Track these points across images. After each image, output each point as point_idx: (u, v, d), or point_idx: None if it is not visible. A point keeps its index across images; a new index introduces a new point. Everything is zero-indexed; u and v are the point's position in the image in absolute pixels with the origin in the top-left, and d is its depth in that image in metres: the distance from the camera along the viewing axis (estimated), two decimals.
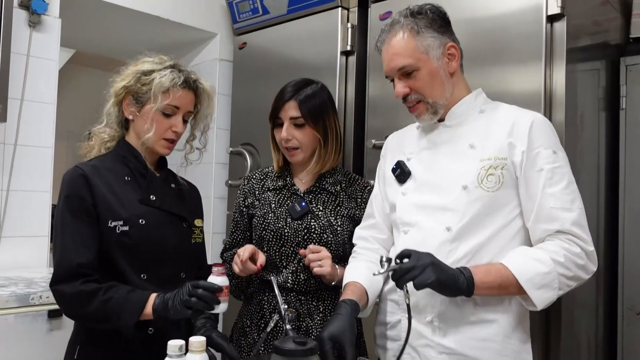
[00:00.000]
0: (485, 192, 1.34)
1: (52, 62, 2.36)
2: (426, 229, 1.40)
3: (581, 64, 1.96)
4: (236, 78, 2.91)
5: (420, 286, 1.23)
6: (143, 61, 1.52)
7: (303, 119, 1.66)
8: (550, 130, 1.39)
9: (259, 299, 1.70)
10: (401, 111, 1.57)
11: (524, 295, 1.28)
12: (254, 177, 1.81)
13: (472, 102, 1.45)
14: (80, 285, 1.34)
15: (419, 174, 1.46)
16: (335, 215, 1.69)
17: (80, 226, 1.39)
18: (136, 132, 1.52)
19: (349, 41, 2.36)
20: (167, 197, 1.54)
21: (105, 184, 1.44)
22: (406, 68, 1.38)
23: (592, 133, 2.06)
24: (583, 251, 1.29)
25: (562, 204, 1.30)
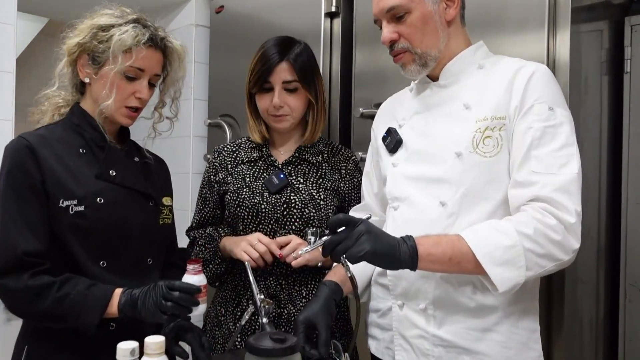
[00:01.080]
0: (482, 158, 1.18)
1: (9, 26, 2.15)
2: (418, 204, 1.24)
3: (585, 25, 1.82)
4: (213, 45, 2.73)
5: (353, 259, 1.07)
6: (101, 14, 1.31)
7: (298, 82, 1.50)
8: (551, 82, 1.21)
9: (234, 284, 1.55)
10: (391, 78, 1.42)
11: (482, 274, 1.10)
12: (225, 149, 1.64)
13: (470, 57, 1.28)
14: (29, 279, 1.16)
15: (410, 142, 1.30)
16: (318, 188, 1.54)
17: (26, 207, 1.20)
18: (93, 98, 1.33)
19: (333, 2, 2.18)
20: (130, 172, 1.36)
21: (56, 157, 1.25)
22: (396, 9, 1.22)
23: (595, 99, 1.93)
24: (561, 224, 1.08)
25: (547, 167, 1.12)
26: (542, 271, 1.11)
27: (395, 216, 1.30)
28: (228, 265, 1.55)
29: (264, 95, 1.53)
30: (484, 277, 1.11)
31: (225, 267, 1.55)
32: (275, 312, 1.45)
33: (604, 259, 2.01)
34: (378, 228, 1.12)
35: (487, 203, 1.19)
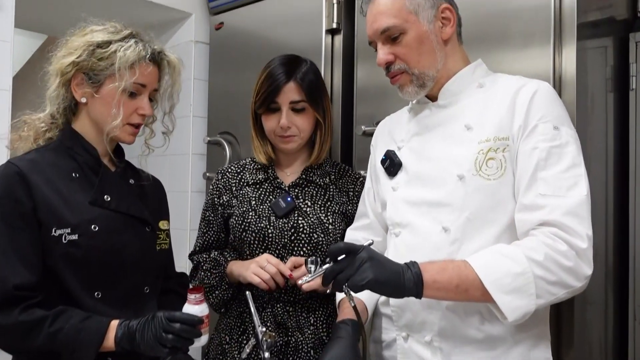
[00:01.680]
0: (486, 181, 1.13)
1: (6, 43, 2.12)
2: (420, 230, 1.19)
3: (590, 41, 1.79)
4: (213, 62, 2.70)
5: (356, 288, 1.02)
6: (92, 30, 1.27)
7: (306, 102, 1.47)
8: (555, 100, 1.18)
9: (239, 311, 1.50)
10: (393, 95, 1.39)
11: (490, 302, 1.05)
12: (229, 170, 1.60)
13: (470, 76, 1.24)
14: (20, 315, 1.10)
15: (410, 165, 1.26)
16: (326, 212, 1.49)
17: (17, 237, 1.14)
18: (91, 118, 1.28)
19: (334, 18, 2.16)
20: (125, 196, 1.30)
21: (48, 183, 1.19)
22: (391, 30, 1.19)
23: (600, 117, 1.90)
24: (572, 249, 1.05)
25: (555, 190, 1.08)
26: (553, 299, 1.06)
27: (397, 243, 1.25)
28: (235, 291, 1.50)
29: (271, 115, 1.49)
30: (492, 306, 1.06)
31: (232, 293, 1.50)
32: (282, 341, 1.40)
33: (612, 280, 1.96)
34: (381, 254, 1.08)
35: (492, 228, 1.14)
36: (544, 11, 1.63)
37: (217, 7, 2.63)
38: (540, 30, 1.64)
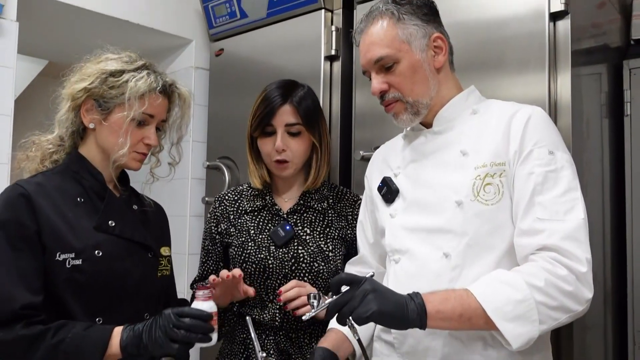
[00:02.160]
0: (484, 206, 1.14)
1: (9, 69, 2.15)
2: (420, 257, 1.19)
3: (584, 68, 1.82)
4: (213, 87, 2.73)
5: (360, 320, 1.02)
6: (107, 58, 1.30)
7: (301, 125, 1.47)
8: (549, 125, 1.19)
9: (242, 338, 1.49)
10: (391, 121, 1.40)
11: (494, 329, 1.04)
12: (226, 198, 1.59)
13: (463, 103, 1.26)
14: (22, 330, 1.10)
15: (407, 192, 1.26)
16: (325, 239, 1.49)
17: (21, 259, 1.15)
18: (98, 144, 1.30)
19: (333, 45, 2.19)
20: (129, 222, 1.31)
21: (53, 207, 1.20)
22: (384, 60, 1.21)
23: (596, 142, 1.92)
24: (572, 273, 1.04)
25: (552, 214, 1.08)
26: (555, 324, 1.06)
27: (397, 270, 1.24)
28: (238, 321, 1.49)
29: (266, 139, 1.49)
30: (497, 333, 1.06)
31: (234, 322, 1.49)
32: None
33: (610, 305, 1.96)
34: (383, 286, 1.08)
35: (492, 253, 1.14)
36: (538, 38, 1.66)
37: (217, 34, 2.67)
38: (535, 57, 1.66)
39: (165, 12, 2.70)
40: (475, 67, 1.72)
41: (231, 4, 2.54)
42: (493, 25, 1.75)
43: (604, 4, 2.03)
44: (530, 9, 1.68)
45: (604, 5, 2.03)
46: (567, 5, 1.62)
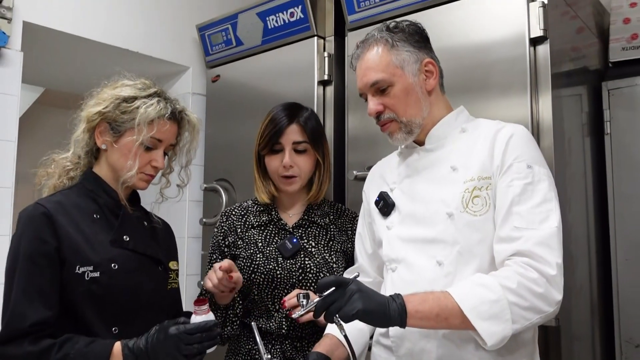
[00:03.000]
0: (473, 217, 1.22)
1: (13, 97, 2.23)
2: (415, 265, 1.27)
3: (565, 90, 1.92)
4: (209, 112, 2.81)
5: (346, 317, 1.09)
6: (122, 84, 1.38)
7: (307, 143, 1.57)
8: (529, 142, 1.28)
9: (247, 349, 1.55)
10: (383, 142, 1.48)
11: (471, 329, 1.12)
12: (233, 212, 1.67)
13: (453, 122, 1.35)
14: (29, 346, 1.16)
15: (402, 205, 1.35)
16: (329, 251, 1.57)
17: (38, 275, 1.21)
18: (109, 164, 1.37)
19: (326, 70, 2.29)
20: (141, 237, 1.38)
21: (72, 223, 1.27)
22: (380, 83, 1.30)
23: (578, 159, 2.01)
24: (542, 276, 1.12)
25: (528, 223, 1.16)
26: (528, 324, 1.13)
27: (394, 278, 1.32)
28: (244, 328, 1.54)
29: (274, 156, 1.58)
30: (474, 333, 1.13)
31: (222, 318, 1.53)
32: None
33: (597, 316, 2.03)
34: (368, 287, 1.15)
35: (481, 260, 1.22)
36: (520, 62, 1.76)
37: (213, 60, 2.77)
38: (517, 80, 1.76)
39: (163, 41, 2.80)
40: (463, 90, 1.81)
41: (227, 32, 2.64)
42: (478, 51, 1.85)
43: (583, 29, 2.14)
44: (512, 35, 1.78)
45: (583, 30, 2.14)
46: (545, 31, 1.72)
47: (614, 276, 2.05)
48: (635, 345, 1.98)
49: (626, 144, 2.09)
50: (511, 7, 1.79)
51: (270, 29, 2.47)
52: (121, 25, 2.63)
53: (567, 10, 1.98)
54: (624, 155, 2.09)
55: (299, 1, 2.33)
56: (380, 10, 2.09)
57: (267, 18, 2.46)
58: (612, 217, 2.08)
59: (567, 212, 1.84)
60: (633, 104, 2.09)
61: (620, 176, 2.08)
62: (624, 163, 2.08)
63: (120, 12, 2.64)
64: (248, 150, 1.80)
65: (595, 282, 2.03)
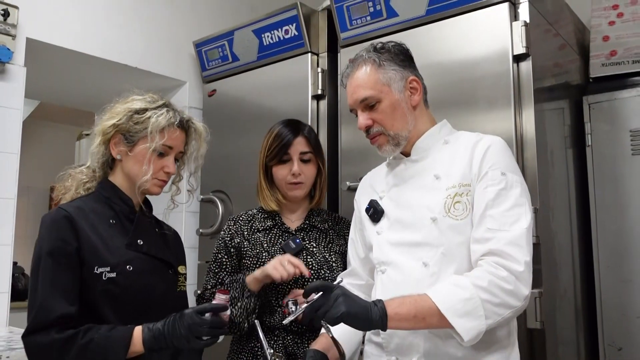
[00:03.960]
0: (455, 221, 1.32)
1: (16, 111, 2.30)
2: (403, 267, 1.37)
3: (547, 104, 2.01)
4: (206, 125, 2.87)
5: (332, 320, 1.19)
6: (133, 99, 1.48)
7: (312, 153, 1.72)
8: (503, 152, 1.38)
9: (251, 346, 1.63)
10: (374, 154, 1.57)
11: (449, 326, 1.21)
12: (240, 218, 1.79)
13: (437, 135, 1.45)
14: (56, 334, 1.24)
15: (391, 212, 1.45)
16: (329, 252, 1.70)
17: (62, 273, 1.30)
18: (125, 173, 1.47)
19: (319, 85, 2.38)
20: (154, 241, 1.48)
21: (91, 227, 1.37)
22: (368, 100, 1.40)
23: (561, 171, 2.10)
24: (511, 274, 1.21)
25: (500, 225, 1.26)
26: (500, 319, 1.22)
27: (384, 279, 1.41)
28: (256, 302, 1.60)
29: (282, 166, 1.71)
30: (452, 330, 1.22)
31: (254, 304, 1.60)
32: None
33: (582, 320, 2.11)
34: (352, 292, 1.25)
35: (462, 261, 1.32)
36: (504, 78, 1.85)
37: (209, 75, 2.85)
38: (502, 94, 1.85)
39: (161, 56, 2.88)
40: (450, 104, 1.90)
41: (223, 49, 2.73)
42: (464, 67, 1.95)
43: (564, 46, 2.25)
44: (497, 52, 1.87)
45: (564, 47, 2.25)
46: (528, 48, 1.82)
47: (596, 282, 2.14)
48: (618, 348, 2.07)
49: (606, 155, 2.19)
50: (495, 25, 1.89)
51: (265, 45, 2.56)
52: (120, 42, 2.72)
53: (549, 29, 2.08)
54: (605, 166, 2.19)
55: (294, 19, 2.43)
56: (371, 28, 2.18)
57: (263, 35, 2.55)
58: (594, 226, 2.17)
59: (550, 221, 1.93)
60: (612, 118, 2.20)
61: (602, 187, 2.18)
62: (604, 174, 2.18)
63: (119, 28, 2.72)
64: (244, 162, 1.90)
65: (579, 287, 2.11)
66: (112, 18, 2.70)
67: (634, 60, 2.30)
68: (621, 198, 2.13)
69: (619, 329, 2.07)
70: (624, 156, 2.14)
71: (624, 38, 2.35)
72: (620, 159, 2.15)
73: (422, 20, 2.06)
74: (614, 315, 2.09)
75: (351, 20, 2.23)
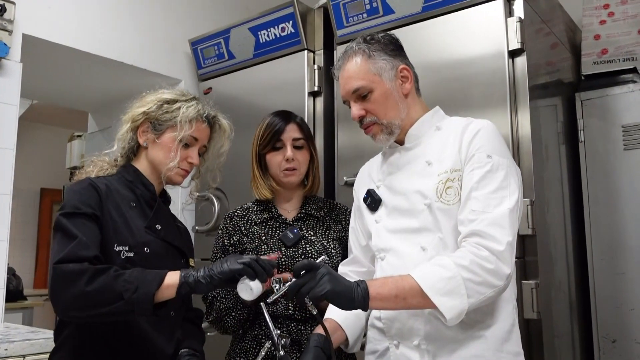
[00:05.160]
0: (447, 206, 1.34)
1: (12, 107, 2.29)
2: (402, 253, 1.39)
3: (541, 100, 2.05)
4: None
5: (316, 298, 1.19)
6: (162, 91, 1.53)
7: (304, 139, 1.72)
8: (492, 135, 1.38)
9: (254, 334, 1.63)
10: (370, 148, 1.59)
11: (431, 305, 1.21)
12: (236, 214, 1.78)
13: (429, 121, 1.47)
14: (89, 265, 1.23)
15: (388, 200, 1.46)
16: (327, 239, 1.70)
17: (91, 228, 1.30)
18: (149, 160, 1.50)
19: (315, 82, 2.40)
20: (171, 229, 1.51)
21: (115, 205, 1.39)
22: (360, 90, 1.41)
23: (555, 166, 2.13)
24: (492, 254, 1.22)
25: (484, 207, 1.27)
26: (483, 298, 1.22)
27: (383, 265, 1.43)
28: (250, 311, 1.62)
29: (275, 153, 1.71)
30: (435, 311, 1.23)
31: (247, 313, 1.62)
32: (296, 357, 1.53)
33: (576, 312, 2.14)
34: (337, 273, 1.26)
35: (456, 245, 1.32)
36: (500, 74, 1.88)
37: (205, 73, 2.86)
38: (497, 92, 1.88)
39: (156, 54, 2.89)
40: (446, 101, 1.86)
41: (219, 47, 2.74)
42: (460, 63, 1.97)
43: (557, 45, 2.29)
44: (492, 48, 1.90)
45: (557, 45, 2.29)
46: (523, 43, 1.85)
47: (590, 275, 2.17)
48: (612, 340, 2.10)
49: (599, 151, 2.23)
50: (491, 22, 1.92)
51: (261, 43, 2.58)
52: (117, 39, 2.72)
53: (542, 27, 2.12)
54: (598, 161, 2.22)
55: (290, 17, 2.45)
56: (367, 25, 2.21)
57: (259, 32, 2.57)
58: (587, 220, 2.20)
59: (545, 214, 1.96)
60: (604, 114, 2.24)
61: (595, 181, 2.22)
62: (597, 169, 2.22)
63: (116, 26, 2.73)
64: (240, 159, 1.90)
65: (573, 279, 2.14)
66: (109, 15, 2.71)
67: (624, 59, 2.35)
68: (614, 193, 2.17)
69: (613, 322, 2.11)
70: (616, 151, 2.18)
71: (615, 37, 2.40)
72: (612, 154, 2.19)
73: (419, 17, 2.09)
74: (607, 307, 2.12)
75: (347, 17, 2.26)
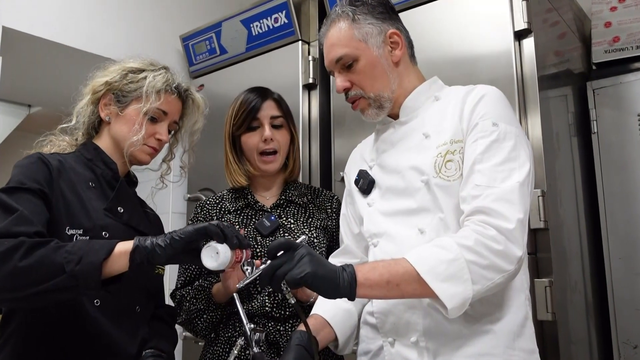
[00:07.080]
0: (447, 182, 1.16)
1: None
2: (397, 237, 1.22)
3: (551, 91, 1.91)
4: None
5: (294, 282, 1.00)
6: (129, 60, 1.37)
7: (283, 118, 1.55)
8: (498, 101, 1.21)
9: (227, 336, 1.46)
10: None
11: (429, 294, 1.03)
12: (207, 202, 1.61)
13: (426, 92, 1.30)
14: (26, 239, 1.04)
15: (382, 181, 1.30)
16: (309, 227, 1.51)
17: (35, 203, 1.11)
18: (112, 135, 1.33)
19: (310, 74, 2.28)
20: (136, 212, 1.33)
21: (69, 184, 1.21)
22: (344, 58, 1.26)
23: (567, 158, 1.99)
24: (501, 234, 1.04)
25: (489, 181, 1.09)
26: (490, 284, 1.05)
27: (376, 252, 1.26)
28: (223, 312, 1.47)
29: (251, 133, 1.54)
30: (434, 300, 1.06)
31: (220, 315, 1.47)
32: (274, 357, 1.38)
33: (593, 314, 1.98)
34: (318, 254, 1.08)
35: (458, 226, 1.15)
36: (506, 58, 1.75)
37: (197, 70, 2.75)
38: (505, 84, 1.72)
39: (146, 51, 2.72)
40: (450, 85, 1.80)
41: (211, 41, 2.63)
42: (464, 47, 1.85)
43: (565, 34, 2.16)
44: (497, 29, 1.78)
45: (565, 35, 2.16)
46: (529, 24, 1.72)
47: (607, 274, 2.01)
48: (633, 346, 1.93)
49: (613, 142, 2.08)
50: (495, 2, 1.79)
51: (254, 35, 2.46)
52: (104, 34, 2.61)
53: (549, 16, 1.99)
54: (612, 153, 2.08)
55: (283, 6, 2.33)
56: None
57: (252, 25, 2.46)
58: (602, 215, 2.05)
59: (558, 207, 1.81)
60: (618, 102, 2.10)
61: (609, 174, 2.07)
62: (612, 162, 2.07)
63: (103, 20, 2.62)
64: None
65: (589, 279, 1.99)
66: (95, 9, 2.59)
67: (638, 46, 2.21)
68: (631, 185, 2.02)
69: (633, 326, 1.94)
70: (632, 141, 2.03)
71: (627, 23, 2.26)
72: (628, 144, 2.04)
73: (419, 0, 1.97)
74: (627, 310, 1.95)
75: None
